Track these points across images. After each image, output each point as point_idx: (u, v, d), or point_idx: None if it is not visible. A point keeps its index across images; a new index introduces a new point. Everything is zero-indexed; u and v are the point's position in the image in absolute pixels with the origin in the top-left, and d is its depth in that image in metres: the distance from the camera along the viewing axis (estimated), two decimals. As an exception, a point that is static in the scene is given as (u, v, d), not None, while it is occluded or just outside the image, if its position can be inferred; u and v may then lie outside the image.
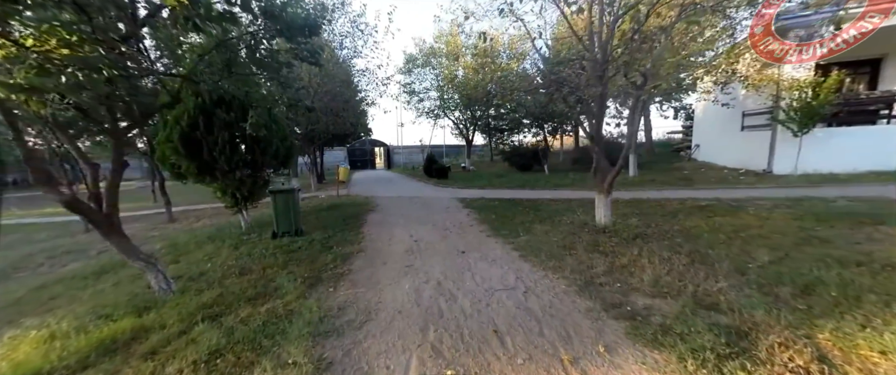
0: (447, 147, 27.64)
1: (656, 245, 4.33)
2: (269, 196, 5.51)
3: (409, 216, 7.16)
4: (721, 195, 7.71)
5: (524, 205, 7.67)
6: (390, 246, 4.96)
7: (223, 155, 5.17)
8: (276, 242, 5.21)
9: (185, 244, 5.78)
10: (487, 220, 6.31)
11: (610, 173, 5.34)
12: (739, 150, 11.41)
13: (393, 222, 6.61)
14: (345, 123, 11.89)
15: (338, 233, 5.72)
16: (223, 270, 4.07)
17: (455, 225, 6.06)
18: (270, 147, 5.83)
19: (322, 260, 4.28)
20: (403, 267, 3.99)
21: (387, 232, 5.84)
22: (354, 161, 30.11)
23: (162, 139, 5.09)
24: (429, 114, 18.75)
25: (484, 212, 7.03)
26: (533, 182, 11.88)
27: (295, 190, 5.55)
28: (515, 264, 3.96)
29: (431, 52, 16.75)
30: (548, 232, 5.25)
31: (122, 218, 3.38)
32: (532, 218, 6.32)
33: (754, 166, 10.46)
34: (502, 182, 12.63)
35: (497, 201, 8.48)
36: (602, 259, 3.94)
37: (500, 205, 7.81)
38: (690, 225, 5.26)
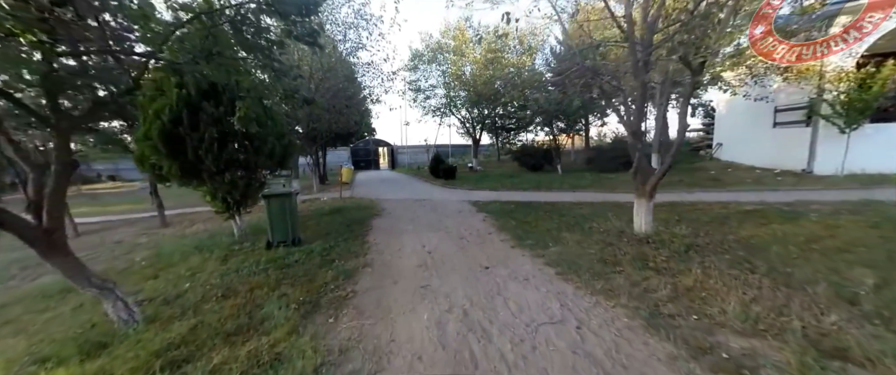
0: (453, 146, 26.99)
1: (718, 260, 3.62)
2: (263, 201, 4.86)
3: (419, 221, 6.49)
4: (764, 198, 6.95)
5: (544, 209, 6.96)
6: (400, 258, 4.29)
7: (210, 154, 4.54)
8: (270, 254, 4.56)
9: (169, 254, 5.15)
10: (507, 227, 5.62)
11: (654, 175, 4.63)
12: (771, 149, 10.60)
13: (401, 229, 5.94)
14: (348, 122, 11.28)
15: (340, 243, 5.06)
16: (204, 291, 3.43)
17: (472, 233, 5.38)
18: (265, 145, 5.20)
19: (321, 277, 3.62)
20: (418, 289, 3.31)
21: (395, 240, 5.17)
22: (358, 161, 29.51)
23: (140, 136, 4.46)
24: (435, 112, 18.10)
25: (501, 217, 6.34)
26: (547, 183, 11.16)
27: (292, 193, 4.91)
28: (554, 285, 3.27)
29: (438, 47, 16.09)
30: (581, 243, 4.55)
31: (113, 222, 2.77)
32: (557, 224, 5.62)
33: (790, 166, 9.65)
34: (514, 183, 11.93)
35: (513, 204, 7.79)
36: (659, 278, 3.23)
37: (518, 209, 7.12)
38: (748, 235, 4.54)
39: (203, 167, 4.59)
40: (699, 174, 10.80)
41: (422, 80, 17.40)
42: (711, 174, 10.80)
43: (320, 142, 15.50)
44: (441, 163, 15.05)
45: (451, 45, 15.71)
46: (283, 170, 6.22)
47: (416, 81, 17.26)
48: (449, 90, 16.89)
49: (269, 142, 5.25)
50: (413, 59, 16.60)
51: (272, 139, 5.36)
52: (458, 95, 17.41)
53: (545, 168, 16.09)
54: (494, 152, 30.17)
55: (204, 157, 4.51)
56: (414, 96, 17.58)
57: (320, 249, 4.65)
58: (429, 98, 17.78)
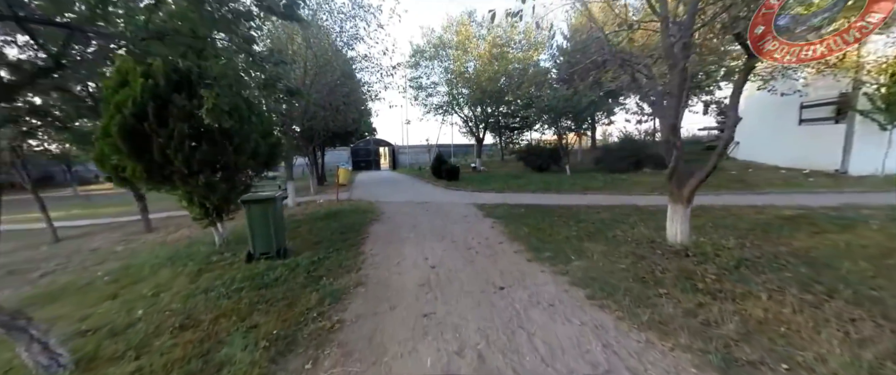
0: (455, 146, 26.39)
1: (779, 279, 3.00)
2: (242, 207, 4.26)
3: (421, 228, 5.88)
4: (803, 202, 6.30)
5: (558, 214, 6.34)
6: (400, 274, 3.68)
7: (180, 153, 3.95)
8: (250, 268, 3.97)
9: (140, 267, 4.57)
10: (519, 235, 5.00)
11: (694, 177, 4.00)
12: (796, 147, 9.92)
13: (401, 236, 5.34)
14: (345, 120, 10.69)
15: (332, 254, 4.46)
16: (161, 319, 2.83)
17: (481, 242, 4.76)
18: (247, 143, 4.60)
19: (304, 301, 3.02)
20: (419, 318, 2.70)
21: (394, 251, 4.56)
22: (358, 161, 28.95)
23: (99, 133, 3.88)
24: (437, 110, 17.49)
25: (512, 223, 5.71)
26: (556, 184, 10.52)
27: (276, 198, 4.31)
28: (588, 314, 2.65)
29: (440, 43, 15.48)
30: (607, 255, 3.93)
31: (98, 226, 2.20)
32: (576, 231, 5.00)
33: (819, 165, 8.98)
34: (520, 184, 11.29)
35: (523, 208, 7.16)
36: (718, 306, 2.61)
37: (529, 214, 6.50)
38: (803, 246, 3.90)
39: (172, 168, 3.99)
40: (720, 175, 10.10)
41: (423, 77, 16.81)
42: (733, 175, 10.13)
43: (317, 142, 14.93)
44: (443, 164, 14.44)
45: (453, 41, 15.10)
46: (270, 172, 5.63)
47: (417, 78, 16.66)
48: (452, 87, 16.28)
49: (252, 140, 4.66)
50: (414, 55, 16.00)
51: (256, 137, 4.77)
52: (460, 93, 16.80)
53: (551, 168, 15.46)
54: (498, 152, 29.57)
55: (173, 157, 3.92)
56: (415, 94, 16.98)
57: (307, 263, 4.05)
58: (430, 96, 17.18)
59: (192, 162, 4.07)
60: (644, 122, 21.93)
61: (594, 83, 12.40)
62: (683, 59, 3.79)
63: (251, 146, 4.64)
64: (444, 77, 16.18)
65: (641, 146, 13.90)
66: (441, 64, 15.79)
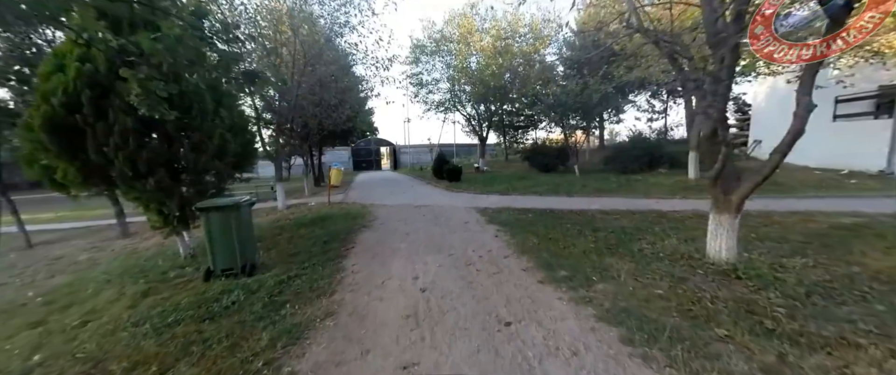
0: (458, 146, 25.69)
1: (869, 315, 2.28)
2: (200, 215, 3.60)
3: (416, 236, 5.19)
4: (852, 206, 5.49)
5: (571, 221, 5.60)
6: (381, 302, 2.99)
7: (121, 151, 3.30)
8: (203, 290, 3.31)
9: (87, 282, 3.95)
10: (528, 247, 4.29)
11: (746, 181, 3.26)
12: (830, 146, 9.06)
13: (392, 247, 4.65)
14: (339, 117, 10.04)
15: (307, 270, 3.80)
16: (61, 367, 2.17)
17: (483, 256, 4.06)
18: (209, 140, 3.95)
19: (252, 342, 2.34)
20: (398, 372, 2.01)
21: (380, 267, 3.88)
22: (359, 161, 28.40)
23: (20, 129, 3.24)
24: (438, 107, 16.78)
25: (519, 232, 5.00)
26: (565, 186, 9.76)
27: (240, 205, 3.65)
28: (627, 370, 1.94)
29: (442, 37, 14.78)
30: (637, 276, 3.21)
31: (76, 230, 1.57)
32: (595, 243, 4.27)
33: (859, 166, 8.13)
34: (526, 185, 10.55)
35: (530, 213, 6.44)
36: (807, 360, 1.89)
37: (538, 220, 5.77)
38: (883, 267, 3.14)
39: (114, 169, 3.34)
40: (744, 175, 9.27)
41: (424, 74, 16.12)
42: (758, 175, 9.30)
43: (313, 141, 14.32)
44: (445, 164, 13.74)
45: (455, 35, 14.38)
46: (241, 174, 4.99)
47: (418, 74, 15.98)
48: (454, 84, 15.58)
49: (216, 136, 4.00)
50: (414, 51, 15.31)
51: (221, 132, 4.11)
52: (463, 90, 16.09)
53: (558, 168, 14.70)
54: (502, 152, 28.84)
55: (113, 156, 3.27)
56: (415, 91, 16.30)
57: (274, 282, 3.38)
58: (431, 93, 16.49)
59: (137, 161, 3.42)
60: (655, 120, 21.07)
61: (605, 77, 11.65)
62: (735, 34, 3.06)
63: (215, 143, 3.98)
64: (446, 73, 15.48)
65: (655, 145, 13.08)
66: (442, 59, 15.10)
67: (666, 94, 19.58)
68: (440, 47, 14.72)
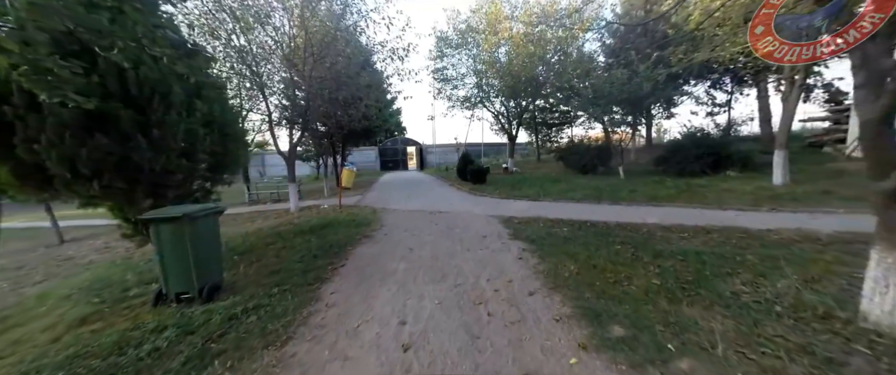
0: (486, 145, 24.47)
1: None
2: (151, 227, 2.96)
3: (420, 253, 4.25)
4: None
5: (621, 239, 4.34)
6: (344, 364, 2.08)
7: (54, 149, 2.73)
8: (144, 320, 2.65)
9: (51, 297, 3.51)
10: (563, 278, 3.16)
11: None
12: None
13: (387, 269, 3.76)
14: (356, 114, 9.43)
15: (276, 297, 3.03)
16: None
17: (499, 291, 3.01)
18: (173, 135, 3.32)
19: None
20: None
21: (362, 300, 2.99)
22: (386, 161, 28.26)
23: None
24: (464, 103, 15.72)
25: (551, 253, 3.86)
26: (609, 191, 8.28)
27: (195, 216, 2.95)
28: None
29: (468, 28, 13.73)
30: (745, 346, 2.00)
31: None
32: (661, 278, 3.03)
33: None
34: (561, 189, 9.19)
35: (565, 225, 5.23)
36: None
37: (576, 236, 4.57)
38: None
39: (52, 171, 2.79)
40: (847, 181, 7.15)
41: (449, 68, 15.17)
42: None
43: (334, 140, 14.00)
44: (469, 164, 12.71)
45: (482, 24, 13.25)
46: (226, 177, 4.39)
47: (443, 70, 15.07)
48: (481, 78, 14.45)
49: (180, 131, 3.37)
50: (438, 44, 14.41)
51: (190, 128, 3.47)
52: (491, 85, 14.91)
53: (598, 169, 13.01)
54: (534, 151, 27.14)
55: (46, 155, 2.71)
56: (439, 87, 15.40)
57: (224, 317, 2.63)
58: (456, 88, 15.49)
59: (77, 161, 2.84)
60: (716, 114, 18.25)
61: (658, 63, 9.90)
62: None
63: (178, 141, 3.35)
64: (473, 67, 14.38)
65: (720, 142, 10.96)
66: (469, 52, 14.03)
67: (731, 83, 16.82)
68: (466, 39, 13.68)
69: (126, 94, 3.14)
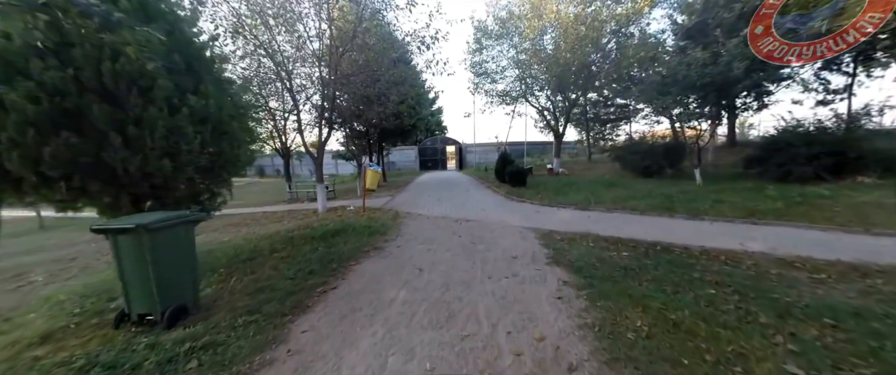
0: (529, 144, 22.77)
1: None
2: (109, 239, 2.57)
3: (429, 277, 3.43)
4: None
5: (712, 274, 3.03)
6: None
7: (16, 150, 2.44)
8: (95, 349, 2.23)
9: (42, 303, 3.41)
10: (628, 345, 2.07)
11: None
12: None
13: (383, 299, 3.00)
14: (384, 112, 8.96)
15: (238, 329, 2.46)
16: None
17: (522, 354, 2.05)
18: (151, 132, 2.94)
19: None
20: None
21: (335, 349, 2.26)
22: (425, 160, 28.05)
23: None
24: (504, 98, 14.47)
25: (604, 293, 2.75)
26: (684, 200, 6.59)
27: (149, 227, 2.49)
28: None
29: (509, 15, 12.52)
30: None
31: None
32: (805, 364, 1.79)
33: None
34: (617, 196, 7.65)
35: (625, 247, 3.99)
36: None
37: (640, 266, 3.34)
38: None
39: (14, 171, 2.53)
40: None
41: (490, 61, 14.09)
42: None
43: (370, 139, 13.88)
44: (507, 164, 11.56)
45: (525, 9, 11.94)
46: (218, 188, 4.02)
47: (481, 63, 14.05)
48: (524, 70, 13.13)
49: (161, 128, 2.97)
50: (476, 34, 13.41)
51: (171, 125, 3.08)
52: (535, 77, 13.50)
53: (665, 172, 10.92)
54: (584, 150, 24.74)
55: (6, 154, 2.44)
56: (476, 82, 14.38)
57: (162, 359, 2.08)
58: (495, 82, 14.33)
59: (41, 162, 2.54)
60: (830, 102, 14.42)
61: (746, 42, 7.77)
62: None
63: (156, 139, 2.95)
64: (515, 58, 13.11)
65: (847, 138, 8.32)
66: (510, 42, 12.80)
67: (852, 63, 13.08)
68: (507, 28, 12.48)
69: (102, 89, 2.82)
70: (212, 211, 4.34)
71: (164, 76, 3.14)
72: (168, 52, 3.30)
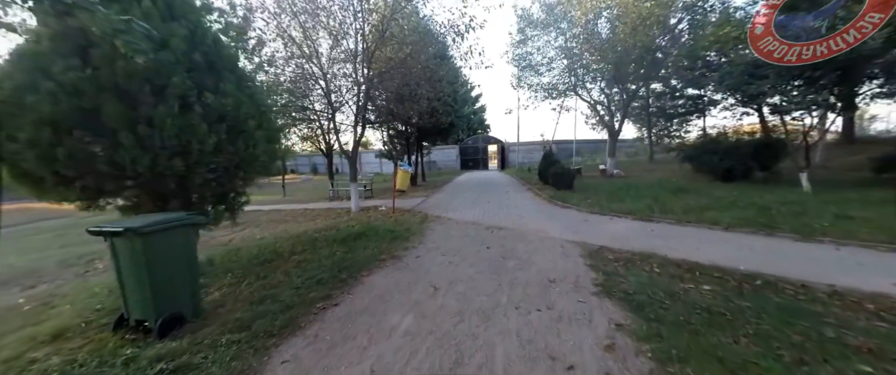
0: (579, 142, 20.88)
1: None
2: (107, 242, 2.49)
3: (444, 302, 2.88)
4: None
5: (861, 341, 1.99)
6: None
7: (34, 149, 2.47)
8: (91, 355, 2.13)
9: (62, 299, 3.60)
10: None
11: None
12: None
13: (382, 328, 2.53)
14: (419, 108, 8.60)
15: (221, 350, 2.19)
16: None
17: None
18: (160, 131, 2.85)
19: None
20: None
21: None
22: (466, 160, 27.49)
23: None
24: (549, 92, 13.22)
25: (680, 345, 1.94)
26: (789, 213, 5.07)
27: (140, 231, 2.34)
28: None
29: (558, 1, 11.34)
30: None
31: None
32: None
33: None
34: (690, 205, 6.27)
35: (707, 277, 3.00)
36: None
37: (734, 309, 2.39)
38: None
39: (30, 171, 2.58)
40: None
41: (535, 53, 13.00)
42: None
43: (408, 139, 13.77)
44: (551, 165, 10.47)
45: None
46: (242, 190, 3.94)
47: (526, 55, 13.02)
48: (574, 60, 11.82)
49: (169, 126, 2.88)
50: (520, 23, 12.41)
51: (177, 121, 2.98)
52: (587, 68, 12.10)
53: (753, 175, 8.92)
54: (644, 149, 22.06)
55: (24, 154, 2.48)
56: (519, 74, 13.35)
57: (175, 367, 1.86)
58: (541, 74, 13.15)
59: (55, 162, 2.56)
60: None
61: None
62: None
63: (166, 138, 2.86)
64: (563, 46, 11.85)
65: None
66: (557, 28, 11.58)
67: None
68: (554, 13, 11.29)
69: (117, 87, 2.79)
70: (237, 209, 4.33)
71: (178, 73, 3.06)
72: (188, 50, 3.25)
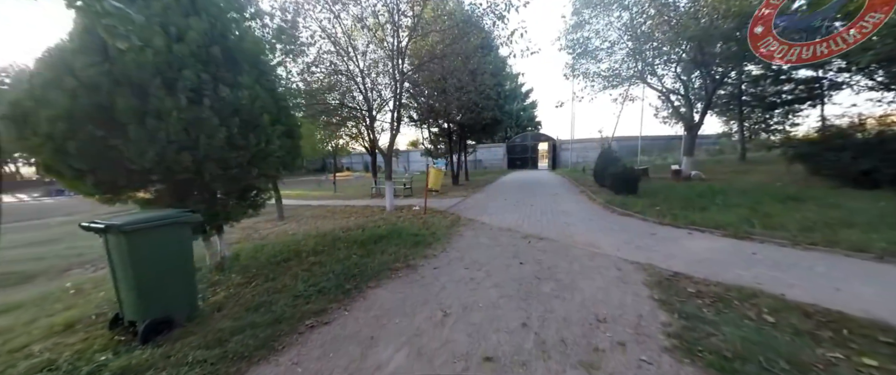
0: (644, 139, 18.26)
1: None
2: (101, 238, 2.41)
3: (450, 335, 2.29)
4: None
5: None
6: None
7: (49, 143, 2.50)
8: (81, 355, 2.05)
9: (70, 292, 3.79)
10: None
11: None
12: None
13: (367, 364, 2.03)
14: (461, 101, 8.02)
15: (199, 366, 1.91)
16: None
17: None
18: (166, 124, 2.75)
19: None
20: None
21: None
22: (513, 159, 26.18)
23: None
24: (608, 80, 11.53)
25: None
26: None
27: (124, 229, 2.19)
28: None
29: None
30: None
31: None
32: None
33: None
34: (810, 219, 4.62)
35: (858, 339, 1.89)
36: None
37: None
38: None
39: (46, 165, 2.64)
40: None
41: (594, 37, 11.47)
42: None
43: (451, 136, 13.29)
44: (610, 164, 9.04)
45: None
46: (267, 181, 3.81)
47: (582, 41, 11.57)
48: (643, 41, 10.10)
49: (175, 119, 2.77)
50: (575, 5, 10.99)
51: (184, 114, 2.87)
52: (659, 50, 10.27)
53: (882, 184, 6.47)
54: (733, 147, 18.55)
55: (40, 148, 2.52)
56: (573, 63, 11.90)
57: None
58: (599, 61, 11.54)
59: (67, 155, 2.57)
60: None
61: None
62: None
63: (171, 132, 2.76)
64: (628, 25, 10.19)
65: None
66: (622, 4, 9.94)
67: None
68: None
69: (130, 81, 2.76)
70: (260, 207, 4.27)
71: (191, 66, 2.97)
72: (206, 44, 3.17)
